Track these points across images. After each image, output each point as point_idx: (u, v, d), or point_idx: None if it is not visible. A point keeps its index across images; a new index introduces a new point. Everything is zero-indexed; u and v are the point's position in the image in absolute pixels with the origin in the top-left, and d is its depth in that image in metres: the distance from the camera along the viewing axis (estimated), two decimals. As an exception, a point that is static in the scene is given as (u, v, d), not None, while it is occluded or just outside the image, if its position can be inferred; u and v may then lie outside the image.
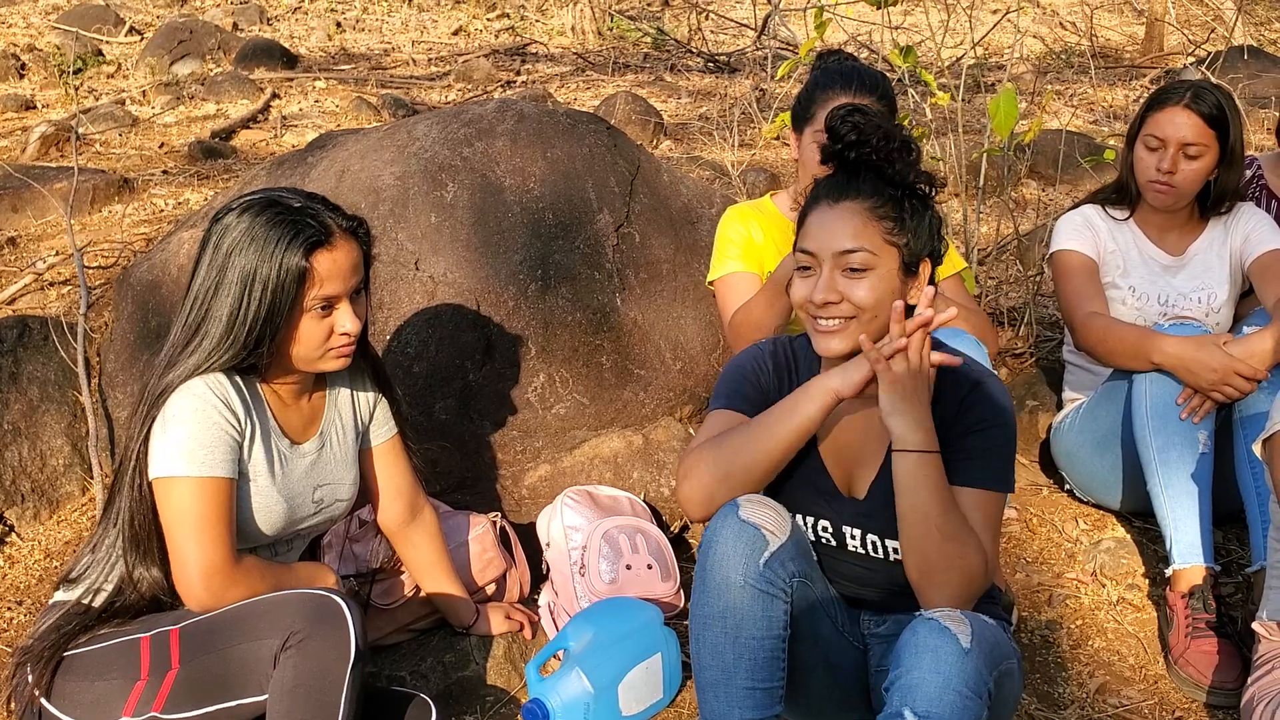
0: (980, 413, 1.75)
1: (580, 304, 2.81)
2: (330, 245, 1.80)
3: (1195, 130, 2.58)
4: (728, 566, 1.67)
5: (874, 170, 1.74)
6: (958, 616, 1.61)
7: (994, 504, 1.76)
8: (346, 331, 1.85)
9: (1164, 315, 2.69)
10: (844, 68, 2.58)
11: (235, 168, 5.34)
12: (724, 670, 1.69)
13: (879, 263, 1.72)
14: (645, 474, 2.71)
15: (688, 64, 8.29)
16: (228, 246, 1.77)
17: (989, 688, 1.59)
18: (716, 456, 1.77)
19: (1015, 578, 2.62)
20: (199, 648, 1.70)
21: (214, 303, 1.77)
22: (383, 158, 2.94)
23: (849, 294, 1.73)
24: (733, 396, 1.87)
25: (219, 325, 1.77)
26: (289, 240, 1.76)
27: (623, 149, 3.13)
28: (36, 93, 7.15)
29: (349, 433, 2.05)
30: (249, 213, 1.79)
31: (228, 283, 1.76)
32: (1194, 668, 2.26)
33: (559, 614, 2.44)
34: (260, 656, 1.66)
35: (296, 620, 1.66)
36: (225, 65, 7.88)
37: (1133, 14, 10.37)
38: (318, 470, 1.97)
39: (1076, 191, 4.93)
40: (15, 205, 4.55)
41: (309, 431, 1.97)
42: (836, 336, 1.75)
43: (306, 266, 1.76)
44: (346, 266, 1.82)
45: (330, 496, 2.00)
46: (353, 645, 1.66)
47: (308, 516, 1.96)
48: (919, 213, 1.76)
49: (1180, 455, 2.39)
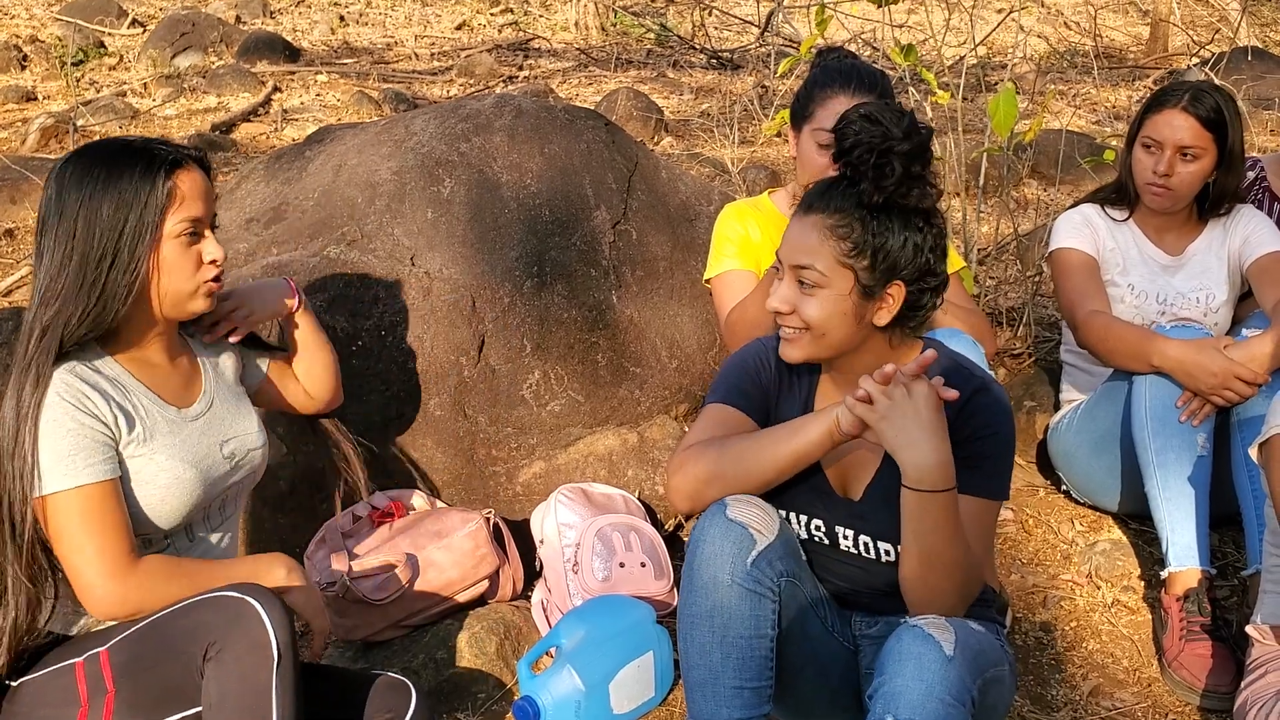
0: (982, 419, 1.74)
1: (576, 301, 2.80)
2: (187, 166, 1.74)
3: (1192, 133, 2.57)
4: (715, 565, 1.67)
5: (850, 184, 1.70)
6: (942, 624, 1.60)
7: (990, 512, 1.76)
8: (214, 259, 1.76)
9: (1163, 314, 2.69)
10: (843, 66, 2.57)
11: (235, 161, 5.33)
12: (711, 669, 1.68)
13: (829, 283, 1.70)
14: (640, 472, 2.70)
15: (690, 60, 8.27)
16: (80, 188, 1.68)
17: (973, 695, 1.58)
18: (714, 459, 1.76)
19: (1010, 579, 2.62)
20: (129, 668, 1.64)
21: (72, 247, 1.67)
22: (380, 152, 2.93)
23: (800, 308, 1.72)
24: (731, 391, 1.86)
25: (73, 273, 1.66)
26: (146, 163, 1.69)
27: (621, 146, 3.12)
28: (38, 84, 7.15)
29: (231, 382, 1.97)
30: (90, 153, 1.71)
31: (88, 223, 1.67)
32: (1188, 671, 2.25)
33: (552, 611, 2.44)
34: (188, 669, 1.59)
35: (212, 630, 1.58)
36: (227, 58, 7.87)
37: (1137, 14, 10.35)
38: (215, 427, 1.87)
39: (1078, 192, 4.92)
40: (13, 197, 4.56)
41: (192, 393, 1.87)
42: (792, 345, 1.76)
43: (173, 185, 1.70)
44: (205, 188, 1.76)
45: (242, 448, 1.90)
46: (273, 648, 1.57)
47: (226, 474, 1.87)
48: (890, 233, 1.68)
49: (1178, 457, 2.38)
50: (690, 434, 1.84)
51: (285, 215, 2.89)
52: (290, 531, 2.57)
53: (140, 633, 1.64)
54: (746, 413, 1.84)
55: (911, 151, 1.66)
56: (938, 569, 1.66)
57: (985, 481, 1.73)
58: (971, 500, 1.72)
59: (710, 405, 1.86)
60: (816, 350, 1.75)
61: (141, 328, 1.78)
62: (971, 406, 1.74)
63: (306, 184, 2.95)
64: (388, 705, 1.83)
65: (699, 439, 1.81)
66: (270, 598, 1.62)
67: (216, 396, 1.91)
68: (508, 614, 2.42)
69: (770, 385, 1.87)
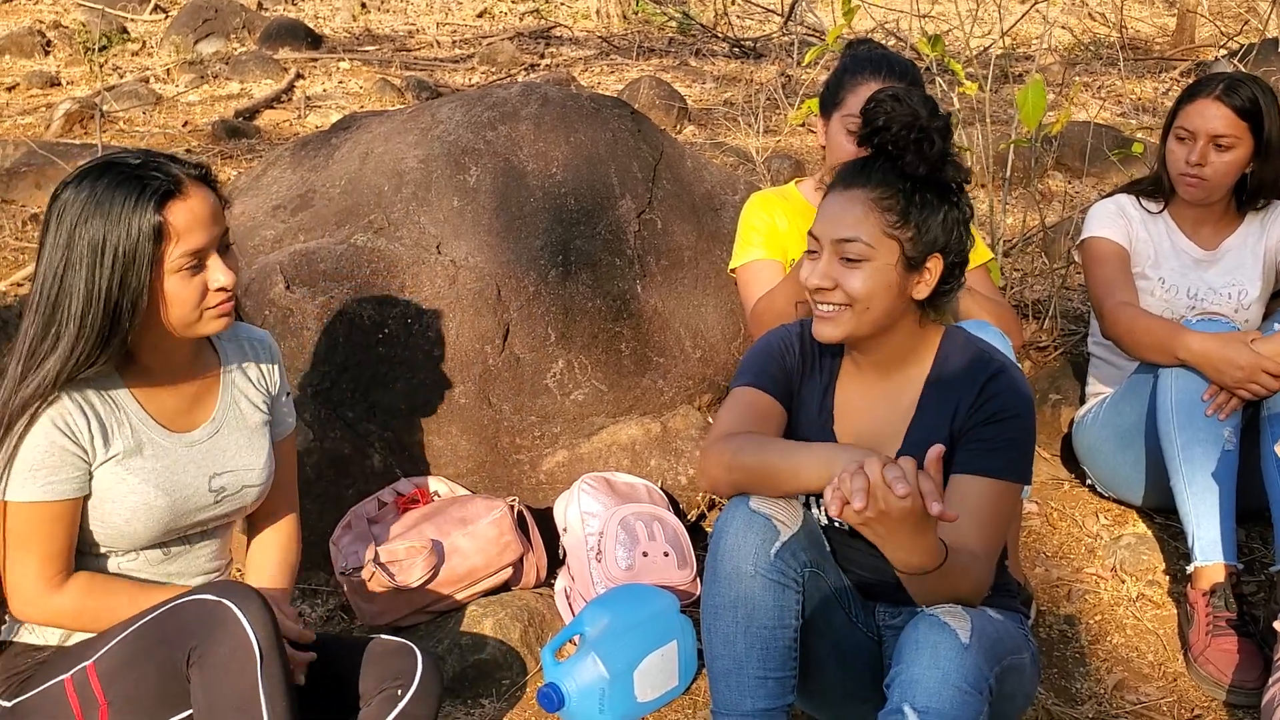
0: (1000, 402, 1.74)
1: (601, 290, 2.80)
2: (183, 195, 1.64)
3: (1226, 122, 2.55)
4: (739, 556, 1.67)
5: (889, 160, 1.72)
6: (958, 612, 1.60)
7: (1006, 494, 1.73)
8: (222, 286, 1.69)
9: (1192, 309, 2.67)
10: (873, 55, 2.57)
11: (259, 148, 5.35)
12: (735, 660, 1.69)
13: (875, 255, 1.70)
14: (663, 462, 2.70)
15: (713, 49, 8.25)
16: (71, 220, 1.61)
17: (990, 683, 1.58)
18: (739, 463, 1.74)
19: (1035, 572, 2.61)
20: (116, 678, 1.63)
21: (65, 284, 1.61)
22: (406, 140, 2.93)
23: (843, 283, 1.72)
24: (759, 374, 1.86)
25: (75, 308, 1.61)
26: (136, 196, 1.60)
27: (646, 134, 3.12)
28: (61, 69, 7.18)
29: (255, 414, 1.89)
30: (87, 180, 1.63)
31: (76, 259, 1.60)
32: (1214, 666, 2.24)
33: (575, 599, 2.44)
34: (174, 674, 1.59)
35: (192, 634, 1.57)
36: (249, 45, 7.89)
37: (1163, 4, 10.26)
38: (211, 458, 1.81)
39: (1103, 184, 4.89)
40: (38, 182, 4.58)
41: (196, 418, 1.81)
42: (830, 323, 1.75)
43: (161, 221, 1.61)
44: (205, 215, 1.66)
45: (235, 484, 1.83)
46: (254, 646, 1.55)
47: (205, 507, 1.80)
48: (931, 207, 1.72)
49: (1205, 452, 2.36)
50: (720, 419, 1.84)
51: (312, 202, 2.89)
52: (316, 518, 2.58)
53: (122, 642, 1.64)
54: (773, 395, 1.85)
55: (944, 129, 1.71)
56: (942, 598, 1.66)
57: (1006, 464, 1.73)
58: (992, 483, 1.71)
59: (737, 389, 1.87)
60: (856, 326, 1.74)
61: (154, 347, 1.74)
62: (991, 389, 1.74)
63: (333, 171, 2.96)
64: (393, 672, 1.80)
65: (728, 428, 1.80)
66: (248, 596, 1.59)
67: (225, 425, 1.84)
68: (531, 601, 2.43)
69: (794, 369, 1.87)
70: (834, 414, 1.85)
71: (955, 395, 1.76)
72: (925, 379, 1.81)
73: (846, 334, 1.75)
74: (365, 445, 2.62)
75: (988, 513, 1.70)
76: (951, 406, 1.77)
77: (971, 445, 1.73)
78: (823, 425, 1.85)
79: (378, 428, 2.63)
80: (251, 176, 3.20)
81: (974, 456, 1.72)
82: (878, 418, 1.83)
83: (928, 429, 1.79)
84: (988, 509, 1.70)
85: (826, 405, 1.86)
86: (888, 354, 1.81)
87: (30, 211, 4.40)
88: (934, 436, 1.78)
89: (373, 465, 2.62)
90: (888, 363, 1.82)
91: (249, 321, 2.00)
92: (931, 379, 1.81)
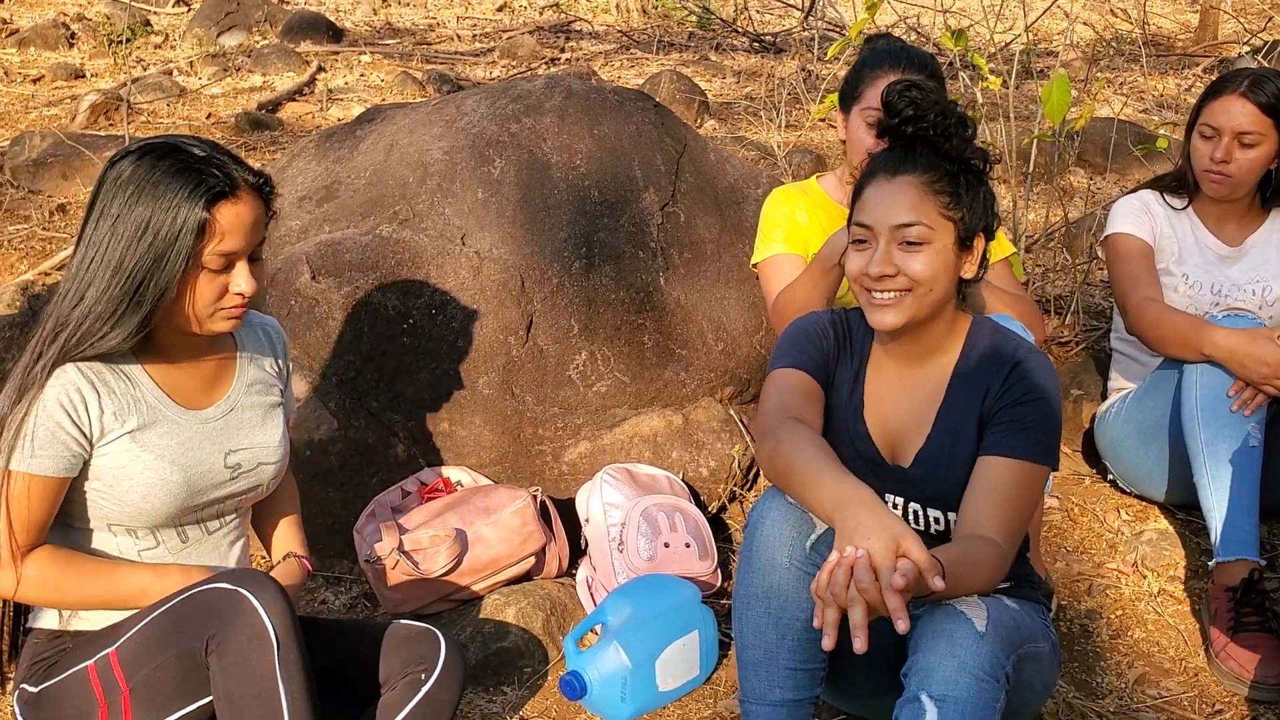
0: (1025, 385, 1.76)
1: (624, 282, 2.81)
2: (234, 198, 1.67)
3: (1251, 118, 2.54)
4: (774, 548, 1.68)
5: (930, 145, 1.75)
6: (974, 601, 1.61)
7: (1031, 476, 1.73)
8: (241, 292, 1.72)
9: (1216, 305, 2.66)
10: (892, 48, 2.57)
11: (282, 140, 5.38)
12: (766, 650, 1.70)
13: (935, 236, 1.73)
14: (684, 454, 2.71)
15: (733, 43, 8.24)
16: (124, 193, 1.64)
17: (1007, 671, 1.59)
18: (774, 465, 1.71)
19: (1056, 566, 2.61)
20: (138, 665, 1.65)
21: (105, 252, 1.64)
22: (431, 132, 2.95)
23: (905, 267, 1.73)
24: (800, 356, 1.86)
25: (103, 277, 1.64)
26: (191, 188, 1.63)
27: (670, 127, 3.13)
28: (86, 61, 7.23)
29: (268, 395, 1.91)
30: (149, 157, 1.65)
31: (121, 232, 1.64)
32: (1235, 662, 2.24)
33: (596, 589, 2.46)
34: (194, 662, 1.61)
35: (209, 623, 1.59)
36: (271, 37, 7.93)
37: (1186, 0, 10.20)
38: (227, 434, 1.83)
39: (1125, 180, 4.87)
40: (65, 173, 4.62)
41: (211, 396, 1.83)
42: (891, 310, 1.75)
43: (207, 218, 1.64)
44: (249, 222, 1.69)
45: (251, 460, 1.85)
46: (272, 635, 1.57)
47: (221, 484, 1.82)
48: (973, 187, 1.76)
49: (1229, 448, 2.36)
50: (768, 402, 1.82)
51: (337, 194, 2.91)
52: (340, 506, 2.60)
53: (143, 630, 1.66)
54: (813, 375, 1.85)
55: (964, 113, 1.76)
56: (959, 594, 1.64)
57: (1030, 445, 1.73)
58: (1017, 464, 1.72)
59: (780, 371, 1.85)
60: (918, 309, 1.75)
61: (170, 331, 1.75)
62: (1017, 374, 1.76)
63: (358, 163, 2.98)
64: (416, 657, 1.81)
65: (779, 409, 1.79)
66: (264, 584, 1.62)
67: (240, 404, 1.86)
68: (554, 590, 2.45)
69: (831, 353, 1.89)
70: (864, 401, 1.87)
71: (984, 382, 1.78)
72: (954, 367, 1.83)
73: (909, 318, 1.76)
74: (389, 435, 2.64)
75: (1011, 493, 1.70)
76: (980, 393, 1.79)
77: (997, 428, 1.75)
78: (854, 412, 1.86)
79: (402, 417, 2.65)
80: (277, 168, 3.22)
81: (999, 438, 1.74)
82: (907, 406, 1.85)
83: (957, 417, 1.80)
84: (1011, 490, 1.71)
85: (857, 392, 1.87)
86: (925, 342, 1.82)
87: (57, 202, 4.44)
88: (963, 424, 1.79)
89: (396, 454, 2.64)
90: (922, 351, 1.83)
91: (274, 313, 2.02)
92: (959, 367, 1.82)
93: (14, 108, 6.07)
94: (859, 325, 1.91)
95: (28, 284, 3.38)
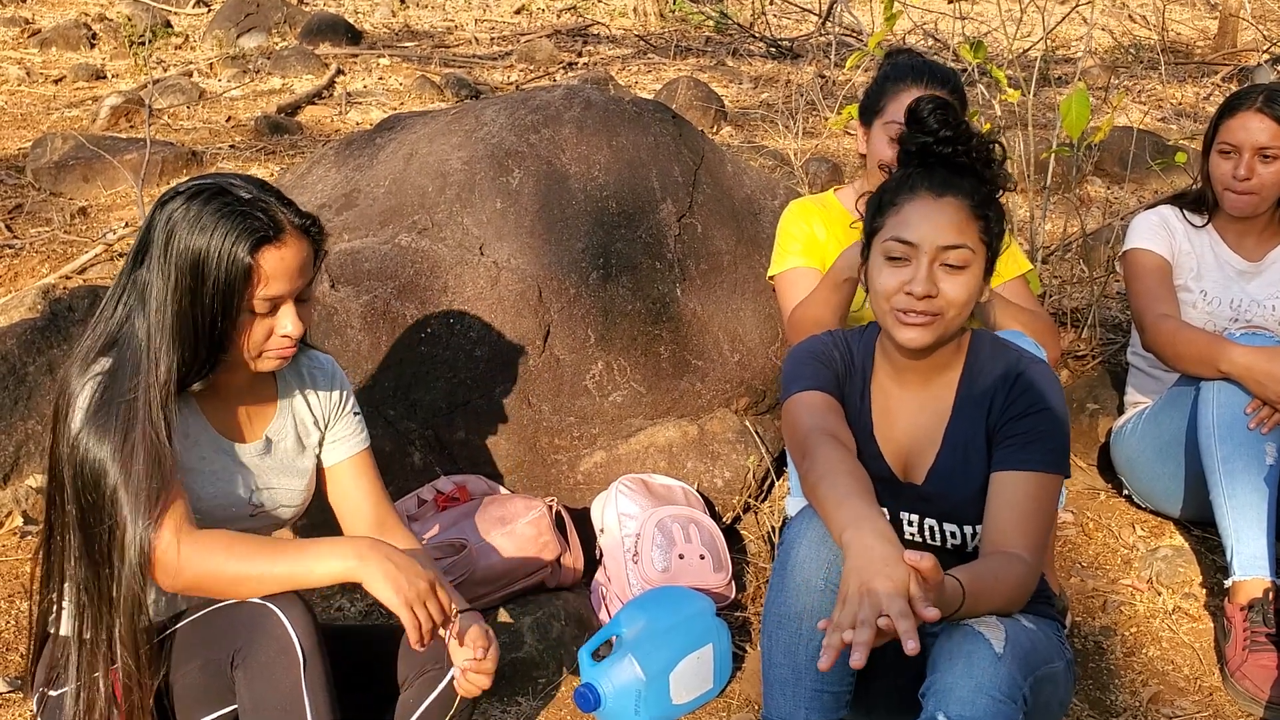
0: (1030, 397, 1.77)
1: (640, 293, 2.82)
2: (279, 242, 1.67)
3: (1270, 133, 2.54)
4: (809, 570, 1.69)
5: (971, 169, 1.76)
6: (992, 622, 1.62)
7: (1045, 487, 1.74)
8: (287, 334, 1.72)
9: (1234, 321, 2.66)
10: (915, 62, 2.57)
11: (301, 144, 5.40)
12: (795, 670, 1.70)
13: (974, 261, 1.74)
14: (699, 465, 2.72)
15: (750, 49, 8.24)
16: (175, 237, 1.64)
17: (1024, 692, 1.60)
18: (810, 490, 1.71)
19: (1070, 582, 2.61)
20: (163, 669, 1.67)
21: (154, 293, 1.65)
22: (451, 142, 2.96)
23: (944, 289, 1.73)
24: (816, 377, 1.86)
25: (161, 315, 1.64)
26: (237, 234, 1.63)
27: (688, 139, 3.14)
28: (106, 62, 7.28)
29: (302, 441, 1.91)
30: (198, 200, 1.66)
31: (170, 273, 1.64)
32: (1251, 681, 2.23)
33: (611, 600, 2.47)
34: (219, 672, 1.63)
35: (236, 636, 1.61)
36: (290, 40, 7.96)
37: (1205, 7, 10.15)
38: (259, 472, 1.85)
39: (1142, 191, 4.86)
40: (86, 175, 4.66)
41: (251, 433, 1.85)
42: (922, 330, 1.74)
43: (251, 264, 1.64)
44: (294, 266, 1.69)
45: (272, 502, 1.87)
46: (297, 649, 1.60)
47: (239, 519, 1.83)
48: (1000, 216, 1.78)
49: (1245, 466, 2.36)
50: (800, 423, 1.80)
51: (356, 202, 2.93)
52: (357, 513, 2.62)
53: (171, 637, 1.69)
54: (831, 394, 1.85)
55: (994, 138, 1.78)
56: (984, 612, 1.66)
57: (1041, 456, 1.74)
58: (1032, 477, 1.73)
59: (801, 393, 1.84)
60: (944, 332, 1.76)
61: (222, 365, 1.75)
62: (1020, 385, 1.77)
63: (378, 171, 2.99)
64: (433, 656, 1.80)
65: (813, 426, 1.78)
66: (291, 600, 1.64)
67: (279, 443, 1.88)
68: (568, 601, 2.46)
69: (840, 373, 1.89)
70: (873, 420, 1.87)
71: (988, 395, 1.79)
72: (958, 382, 1.84)
73: (936, 339, 1.76)
74: (406, 443, 2.65)
75: (1029, 507, 1.72)
76: (985, 406, 1.80)
77: (1006, 442, 1.76)
78: (864, 431, 1.87)
79: (418, 426, 2.66)
80: (296, 174, 3.24)
81: (1011, 453, 1.75)
82: (915, 424, 1.86)
83: (965, 431, 1.81)
84: (1029, 503, 1.72)
85: (865, 412, 1.88)
86: (935, 361, 1.83)
87: (79, 205, 4.47)
88: (972, 438, 1.80)
89: (413, 463, 2.65)
90: (930, 368, 1.84)
91: None
92: (964, 382, 1.84)
93: (36, 108, 6.11)
94: (859, 346, 1.91)
95: (49, 287, 3.41)
